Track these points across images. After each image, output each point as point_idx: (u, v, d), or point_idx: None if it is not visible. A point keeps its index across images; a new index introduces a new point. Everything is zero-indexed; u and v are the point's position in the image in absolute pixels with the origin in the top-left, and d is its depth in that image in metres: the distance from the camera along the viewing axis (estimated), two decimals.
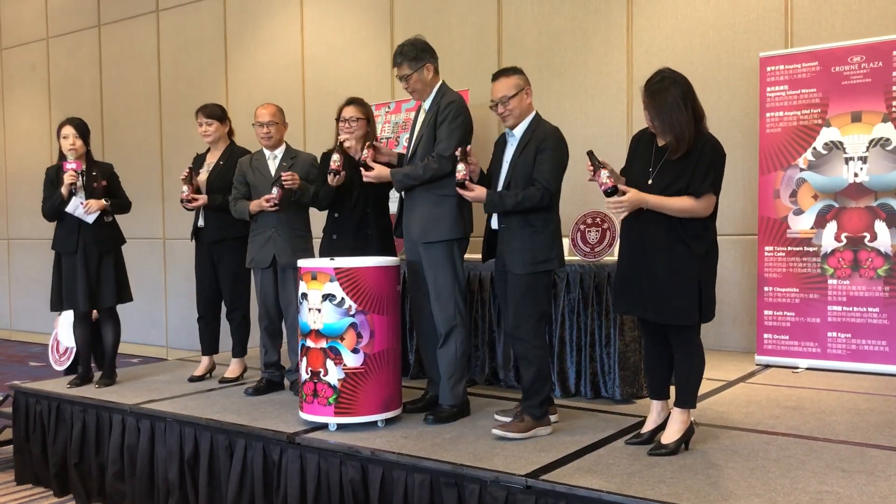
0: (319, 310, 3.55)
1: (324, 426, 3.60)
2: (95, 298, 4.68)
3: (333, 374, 3.54)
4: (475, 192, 3.47)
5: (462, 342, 3.76)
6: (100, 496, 4.34)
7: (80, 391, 4.57)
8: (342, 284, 3.52)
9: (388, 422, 3.67)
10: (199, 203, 4.59)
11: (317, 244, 4.39)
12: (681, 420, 3.16)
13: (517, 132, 3.53)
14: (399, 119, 6.40)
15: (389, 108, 6.51)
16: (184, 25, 8.54)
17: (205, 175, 4.70)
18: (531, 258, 3.42)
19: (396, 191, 3.92)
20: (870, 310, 4.68)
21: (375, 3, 7.12)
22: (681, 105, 3.01)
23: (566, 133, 3.55)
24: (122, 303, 4.80)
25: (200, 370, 4.88)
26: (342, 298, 3.52)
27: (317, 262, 3.63)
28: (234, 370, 4.83)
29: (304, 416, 3.67)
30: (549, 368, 3.66)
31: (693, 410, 3.21)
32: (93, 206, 4.57)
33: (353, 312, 3.53)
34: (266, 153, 4.49)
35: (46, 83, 9.99)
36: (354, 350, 3.54)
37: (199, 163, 4.80)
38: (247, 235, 4.63)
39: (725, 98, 5.45)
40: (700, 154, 3.04)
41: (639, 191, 3.07)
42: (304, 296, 3.61)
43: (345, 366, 3.53)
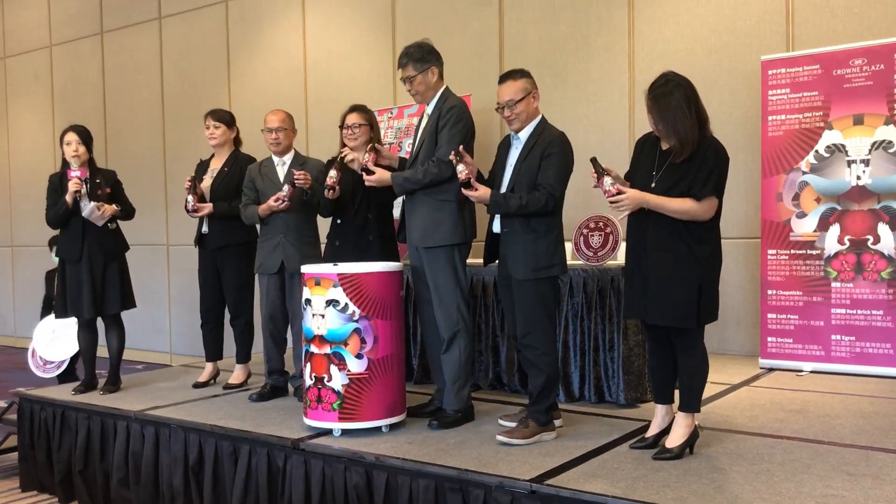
0: (323, 315, 3.55)
1: (328, 432, 3.60)
2: (100, 305, 4.69)
3: (337, 380, 3.54)
4: (480, 192, 3.45)
5: (465, 347, 3.76)
6: (105, 503, 4.34)
7: (85, 398, 4.58)
8: (346, 290, 3.52)
9: (393, 427, 3.67)
10: (205, 212, 4.60)
11: (322, 250, 4.40)
12: (685, 424, 3.16)
13: (522, 135, 3.51)
14: (402, 125, 6.41)
15: (392, 114, 6.52)
16: (186, 32, 8.57)
17: (209, 181, 4.71)
18: (534, 264, 3.41)
19: (397, 195, 3.93)
20: (873, 312, 4.67)
21: (377, 10, 7.15)
22: (684, 109, 3.02)
23: (569, 138, 3.56)
24: (127, 309, 4.81)
25: (204, 376, 4.89)
26: (346, 304, 3.53)
27: (320, 268, 3.64)
28: (238, 376, 4.83)
29: (309, 422, 3.67)
30: (559, 375, 3.65)
31: (697, 414, 3.21)
32: (108, 211, 4.59)
33: (357, 318, 3.54)
34: (275, 160, 4.50)
35: (50, 91, 10.02)
36: (358, 355, 3.54)
37: (203, 169, 4.81)
38: (251, 242, 4.64)
39: (727, 102, 5.45)
40: (703, 157, 3.04)
41: (640, 191, 3.08)
42: (308, 301, 3.62)
43: (349, 371, 3.54)
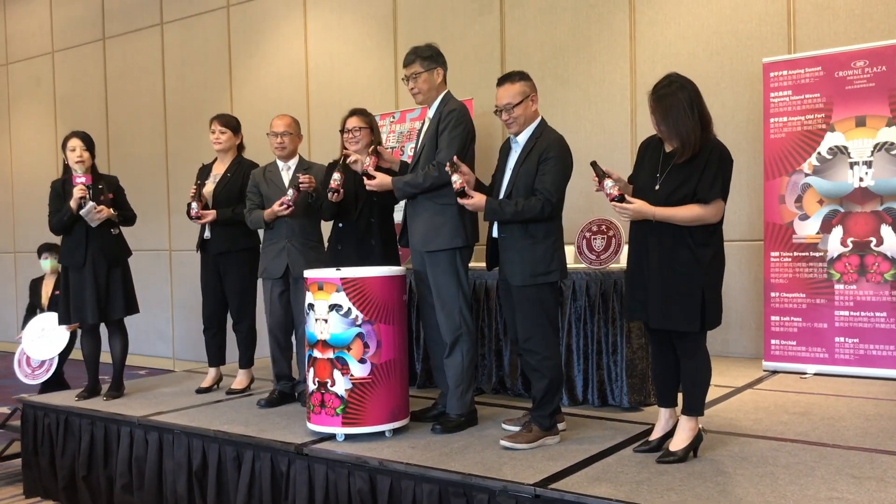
0: (326, 320, 3.55)
1: (331, 437, 3.60)
2: (104, 311, 4.69)
3: (341, 385, 3.54)
4: (474, 200, 3.44)
5: (468, 351, 3.75)
6: None
7: (88, 404, 4.58)
8: (348, 294, 3.52)
9: (396, 432, 3.67)
10: (209, 219, 4.60)
11: None
12: (689, 427, 3.16)
13: (521, 139, 3.51)
14: (403, 129, 6.41)
15: (394, 118, 6.53)
16: (188, 38, 8.58)
17: (212, 186, 4.71)
18: (531, 270, 3.38)
19: (397, 199, 3.93)
20: (877, 314, 4.66)
21: (379, 15, 7.16)
22: (687, 110, 3.02)
23: (570, 141, 3.55)
24: (130, 315, 4.82)
25: (207, 382, 4.89)
26: (349, 308, 3.53)
27: (323, 273, 3.64)
28: (241, 381, 4.83)
29: (312, 427, 3.67)
30: (562, 379, 3.64)
31: (701, 417, 3.20)
32: (104, 212, 4.59)
33: (360, 322, 3.54)
34: (279, 164, 4.50)
35: (52, 97, 10.05)
36: (361, 360, 3.54)
37: (206, 173, 4.82)
38: (253, 247, 4.64)
39: (729, 104, 5.45)
40: (707, 159, 3.04)
41: (646, 202, 3.06)
42: (311, 306, 3.62)
43: (352, 376, 3.54)
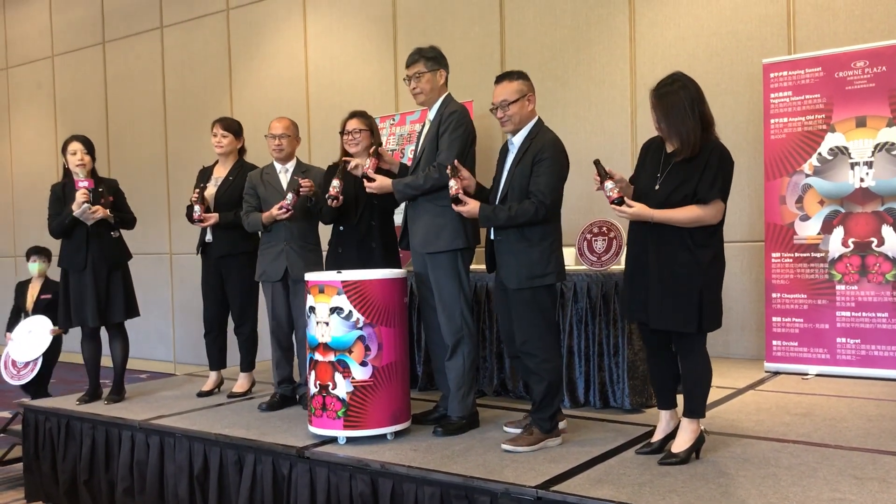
0: (327, 323, 3.55)
1: (333, 440, 3.60)
2: (105, 315, 4.69)
3: (342, 388, 3.54)
4: (468, 207, 3.42)
5: (470, 353, 3.75)
6: None
7: (90, 408, 4.58)
8: (350, 297, 3.52)
9: (398, 434, 3.66)
10: (212, 222, 4.59)
11: (323, 257, 4.40)
12: (690, 429, 3.15)
13: (516, 140, 3.49)
14: (403, 131, 6.41)
15: (394, 121, 6.53)
16: (188, 41, 8.59)
17: (213, 189, 4.71)
18: (527, 273, 3.36)
19: (398, 201, 3.93)
20: (878, 315, 4.66)
21: (378, 17, 7.16)
22: (687, 109, 3.02)
23: (570, 142, 3.54)
24: (130, 318, 4.81)
25: (209, 385, 4.88)
26: (350, 311, 3.53)
27: (324, 276, 3.64)
28: (243, 385, 4.83)
29: (314, 430, 3.66)
30: (562, 382, 3.62)
31: (703, 419, 3.20)
32: (98, 212, 4.57)
33: (361, 325, 3.53)
34: (277, 167, 4.49)
35: (52, 101, 10.05)
36: (363, 363, 3.54)
37: (206, 176, 4.81)
38: (255, 251, 4.63)
39: (729, 105, 5.45)
40: (707, 160, 3.03)
41: (646, 206, 3.06)
42: (312, 309, 3.62)
43: (353, 379, 3.53)
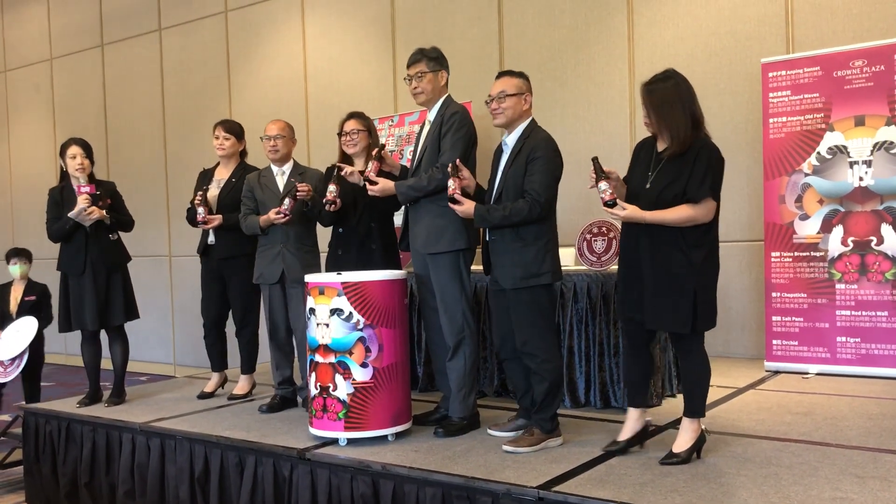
0: (328, 324, 3.55)
1: (334, 441, 3.60)
2: (104, 317, 4.69)
3: (343, 389, 3.54)
4: (464, 206, 3.42)
5: (471, 354, 3.75)
6: None
7: (90, 410, 4.58)
8: (350, 299, 3.52)
9: (399, 436, 3.66)
10: (215, 224, 4.57)
11: (323, 258, 4.40)
12: (691, 429, 3.15)
13: (510, 141, 3.50)
14: (402, 132, 6.42)
15: (393, 122, 6.53)
16: (186, 43, 8.59)
17: (215, 191, 4.70)
18: (521, 273, 3.36)
19: (401, 203, 3.92)
20: (878, 314, 4.66)
21: (377, 18, 7.16)
22: (677, 104, 3.04)
23: (569, 142, 3.55)
24: (130, 320, 4.81)
25: (210, 387, 4.88)
26: (350, 313, 3.52)
27: (324, 277, 3.63)
28: (243, 387, 4.83)
29: (314, 432, 3.66)
30: (563, 381, 3.62)
31: (703, 418, 3.20)
32: (94, 213, 4.56)
33: (362, 326, 3.53)
34: (274, 169, 4.49)
35: (51, 103, 10.05)
36: (363, 364, 3.54)
37: (207, 178, 4.80)
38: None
39: (728, 105, 5.45)
40: (697, 158, 3.03)
41: (638, 207, 3.06)
42: (312, 311, 3.61)
43: (354, 380, 3.53)
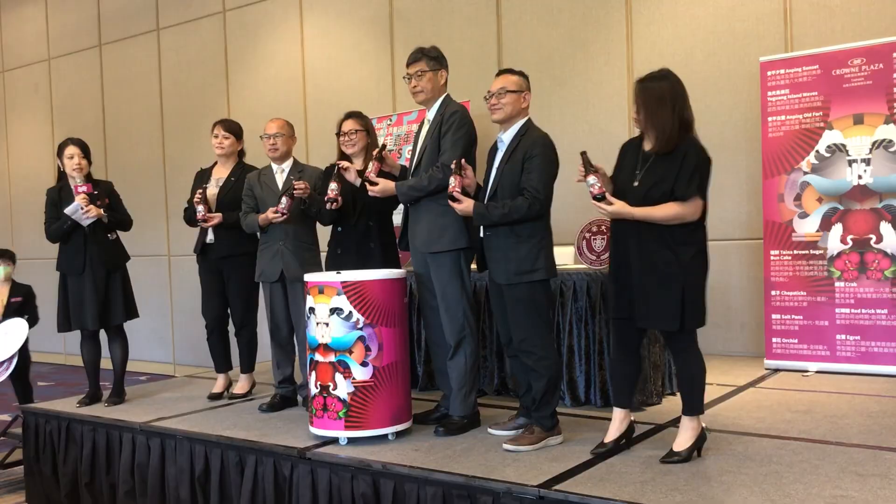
0: (327, 324, 3.55)
1: (334, 440, 3.60)
2: (104, 317, 4.68)
3: (343, 388, 3.54)
4: (463, 205, 3.41)
5: (472, 353, 3.75)
6: None
7: (90, 410, 4.57)
8: (349, 298, 3.52)
9: (399, 434, 3.66)
10: (215, 222, 4.55)
11: (323, 257, 4.39)
12: (691, 427, 3.15)
13: (506, 138, 3.50)
14: (401, 131, 6.42)
15: (391, 121, 6.53)
16: (184, 43, 8.58)
17: (214, 189, 4.69)
18: (515, 268, 3.37)
19: (402, 203, 3.92)
20: (878, 311, 4.66)
21: (375, 18, 7.16)
22: (667, 102, 3.04)
23: (568, 142, 3.55)
24: (130, 320, 4.81)
25: (218, 388, 4.82)
26: (350, 312, 3.52)
27: (323, 276, 3.64)
28: (243, 386, 4.82)
29: (315, 431, 3.66)
30: (561, 378, 3.62)
31: (703, 416, 3.20)
32: (92, 212, 4.56)
33: (361, 325, 3.53)
34: (273, 167, 4.49)
35: (49, 104, 10.04)
36: (363, 363, 3.53)
37: (205, 177, 4.79)
38: (256, 251, 4.62)
39: (727, 103, 5.46)
40: (685, 157, 3.04)
41: (626, 203, 3.06)
42: (312, 310, 3.61)
43: (354, 379, 3.53)
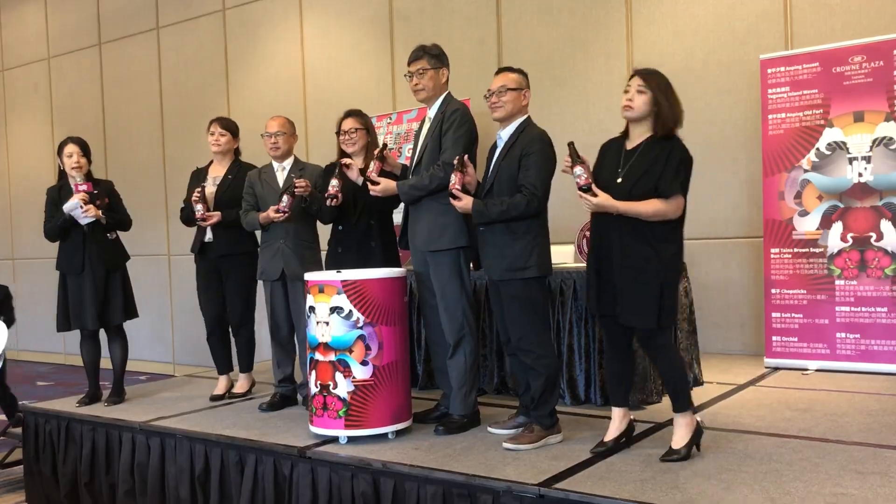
0: (327, 322, 3.55)
1: (334, 439, 3.59)
2: (104, 317, 4.68)
3: (343, 387, 3.53)
4: (463, 202, 3.42)
5: (471, 352, 3.75)
6: None
7: (90, 410, 4.57)
8: (349, 297, 3.52)
9: (399, 433, 3.66)
10: (215, 220, 4.54)
11: (323, 256, 4.39)
12: (684, 423, 3.13)
13: (504, 135, 3.50)
14: (401, 130, 6.41)
15: (391, 120, 6.53)
16: (184, 42, 8.58)
17: (212, 188, 4.68)
18: (508, 264, 3.37)
19: (404, 203, 3.91)
20: (878, 310, 4.66)
21: (375, 17, 7.15)
22: (672, 90, 3.11)
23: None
24: (129, 319, 4.81)
25: (220, 389, 4.80)
26: (350, 311, 3.52)
27: (324, 275, 3.63)
28: (243, 385, 4.81)
29: (315, 430, 3.66)
30: (559, 376, 3.62)
31: (703, 414, 3.19)
32: (90, 212, 4.55)
33: (362, 324, 3.53)
34: (274, 165, 4.49)
35: (49, 103, 10.04)
36: (363, 362, 3.53)
37: (201, 176, 4.78)
38: (255, 250, 4.62)
39: (727, 101, 5.45)
40: (669, 155, 3.06)
41: (610, 196, 3.06)
42: (312, 309, 3.61)
43: (354, 378, 3.53)
